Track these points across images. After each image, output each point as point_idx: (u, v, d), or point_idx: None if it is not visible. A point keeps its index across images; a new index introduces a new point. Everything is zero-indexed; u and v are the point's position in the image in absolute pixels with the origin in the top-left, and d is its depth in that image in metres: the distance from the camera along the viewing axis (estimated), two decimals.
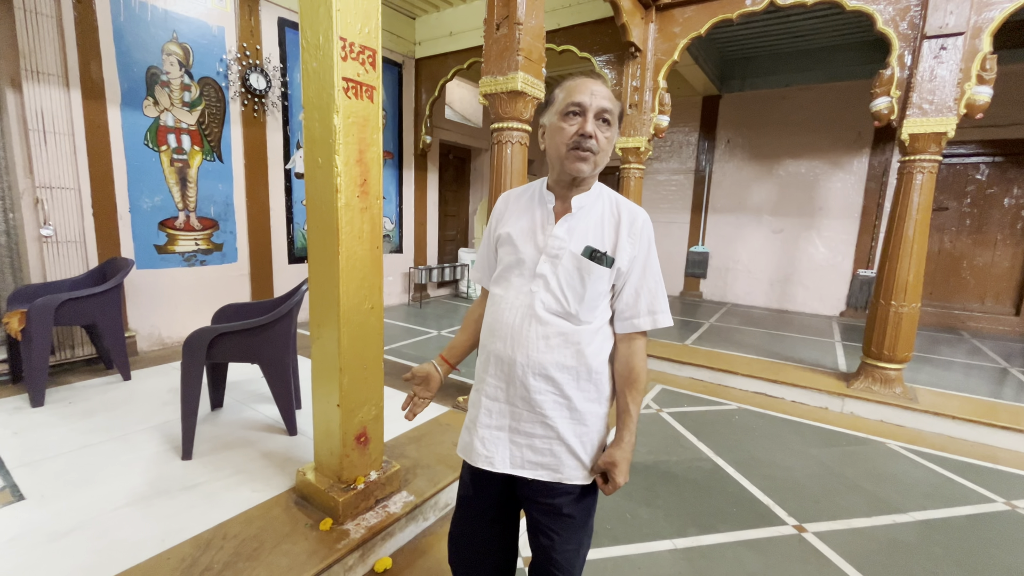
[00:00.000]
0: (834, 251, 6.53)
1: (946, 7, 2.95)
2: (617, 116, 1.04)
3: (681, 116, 7.20)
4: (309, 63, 1.59)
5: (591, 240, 1.04)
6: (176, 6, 3.66)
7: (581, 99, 0.99)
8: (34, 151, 3.03)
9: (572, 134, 1.00)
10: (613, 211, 1.07)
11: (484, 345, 1.14)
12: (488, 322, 1.13)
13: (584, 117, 0.99)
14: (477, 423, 1.12)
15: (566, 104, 1.01)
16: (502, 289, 1.11)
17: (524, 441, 1.07)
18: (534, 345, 1.03)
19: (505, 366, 1.07)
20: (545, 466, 1.07)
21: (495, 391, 1.09)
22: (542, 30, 2.69)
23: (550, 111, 1.06)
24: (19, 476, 2.00)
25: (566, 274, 1.03)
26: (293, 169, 4.70)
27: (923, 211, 3.15)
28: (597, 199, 1.08)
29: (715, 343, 4.79)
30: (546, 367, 1.03)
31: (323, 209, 1.64)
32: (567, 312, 1.04)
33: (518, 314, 1.05)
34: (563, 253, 1.04)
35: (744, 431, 3.03)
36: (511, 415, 1.08)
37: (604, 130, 1.01)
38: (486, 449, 1.10)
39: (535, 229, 1.08)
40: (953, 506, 2.29)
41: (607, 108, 1.00)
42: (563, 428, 1.05)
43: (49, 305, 2.67)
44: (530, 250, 1.07)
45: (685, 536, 1.98)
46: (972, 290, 5.99)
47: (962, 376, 4.12)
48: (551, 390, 1.05)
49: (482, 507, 1.19)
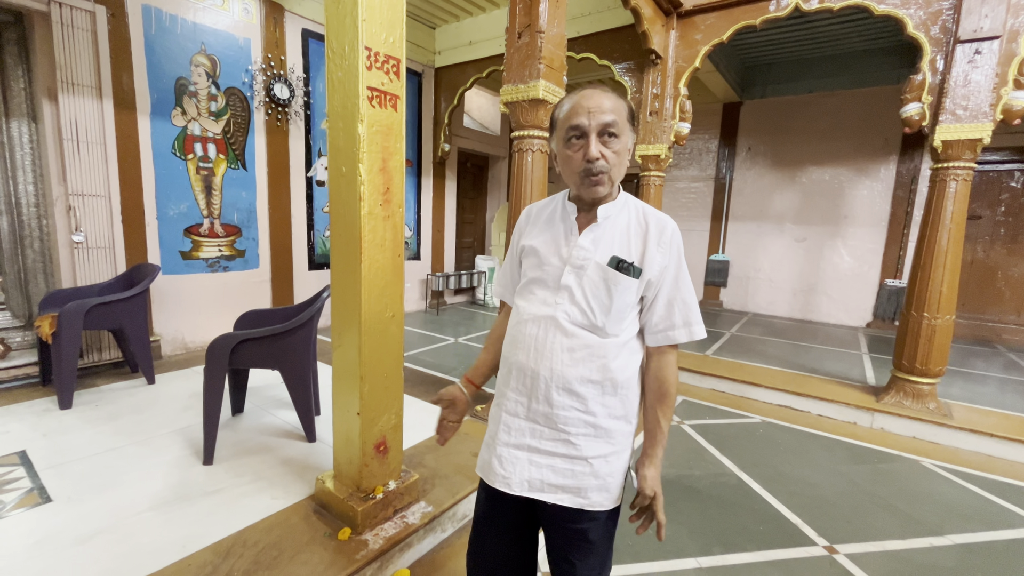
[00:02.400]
0: (860, 260, 6.36)
1: (980, 10, 2.86)
2: (626, 120, 0.99)
3: (701, 123, 7.13)
4: (334, 72, 1.60)
5: (617, 250, 1.01)
6: (205, 19, 3.76)
7: (579, 122, 0.96)
8: (68, 160, 3.12)
9: (579, 160, 0.98)
10: (640, 220, 1.04)
11: (506, 357, 1.11)
12: (511, 334, 1.10)
13: (587, 139, 0.96)
14: (496, 440, 1.08)
15: (566, 131, 0.99)
16: (526, 301, 1.09)
17: (544, 461, 1.03)
18: (558, 358, 1.00)
19: (527, 379, 1.03)
20: (566, 489, 1.02)
21: (515, 406, 1.06)
22: (564, 38, 2.68)
23: (555, 136, 1.04)
24: (47, 478, 2.04)
25: (591, 285, 1.00)
26: (314, 177, 4.77)
27: (957, 220, 3.04)
28: (623, 208, 1.05)
29: (737, 354, 4.69)
30: (570, 381, 1.00)
31: (346, 217, 1.64)
32: (593, 324, 1.01)
33: (542, 326, 1.03)
34: (588, 264, 1.01)
35: (769, 445, 2.94)
36: (531, 432, 1.04)
37: (612, 144, 0.97)
38: (503, 469, 1.05)
39: (559, 241, 1.06)
40: (995, 529, 2.18)
41: (609, 122, 0.96)
42: (586, 447, 1.01)
43: (79, 310, 2.73)
44: (555, 261, 1.04)
45: (710, 555, 1.92)
46: (1007, 301, 5.77)
47: (998, 391, 3.95)
48: (575, 405, 1.01)
49: (500, 527, 1.15)
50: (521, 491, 1.04)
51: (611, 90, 1.01)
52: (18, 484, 1.99)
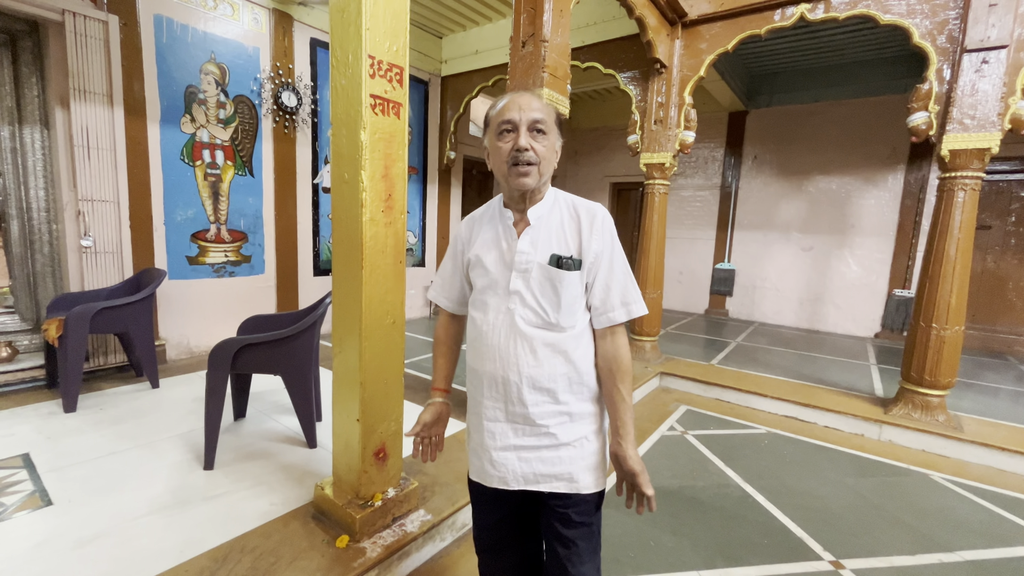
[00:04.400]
0: (868, 270, 6.30)
1: (987, 20, 2.85)
2: (554, 122, 1.05)
3: (707, 132, 7.12)
4: (338, 80, 1.61)
5: (555, 248, 1.05)
6: (215, 28, 3.82)
7: (511, 116, 1.02)
8: (78, 165, 3.17)
9: (508, 151, 1.02)
10: (572, 214, 1.08)
11: (474, 369, 1.15)
12: (474, 346, 1.14)
13: (517, 132, 1.02)
14: (484, 446, 1.13)
15: (498, 124, 1.04)
16: (481, 312, 1.12)
17: (532, 455, 1.09)
18: (524, 360, 1.05)
19: (500, 385, 1.08)
20: (559, 476, 1.08)
21: (494, 412, 1.10)
22: (567, 47, 2.69)
23: (488, 132, 1.09)
24: (48, 481, 2.04)
25: (538, 286, 1.05)
26: (320, 184, 4.80)
27: (966, 230, 3.00)
28: (553, 206, 1.10)
29: (742, 363, 4.64)
30: (539, 379, 1.05)
31: (348, 223, 1.65)
32: (548, 322, 1.05)
33: (502, 333, 1.07)
34: (531, 266, 1.05)
35: (774, 456, 2.90)
36: (514, 433, 1.09)
37: (540, 140, 1.03)
38: (497, 470, 1.11)
39: (501, 247, 1.10)
40: (1007, 546, 2.13)
41: (538, 119, 1.02)
42: (564, 433, 1.07)
43: (86, 313, 2.76)
44: (500, 269, 1.09)
45: (712, 568, 1.88)
46: (1019, 312, 5.68)
47: (1010, 404, 3.88)
48: (547, 400, 1.06)
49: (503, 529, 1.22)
50: (517, 485, 1.10)
51: (539, 96, 1.08)
52: (20, 487, 2.00)
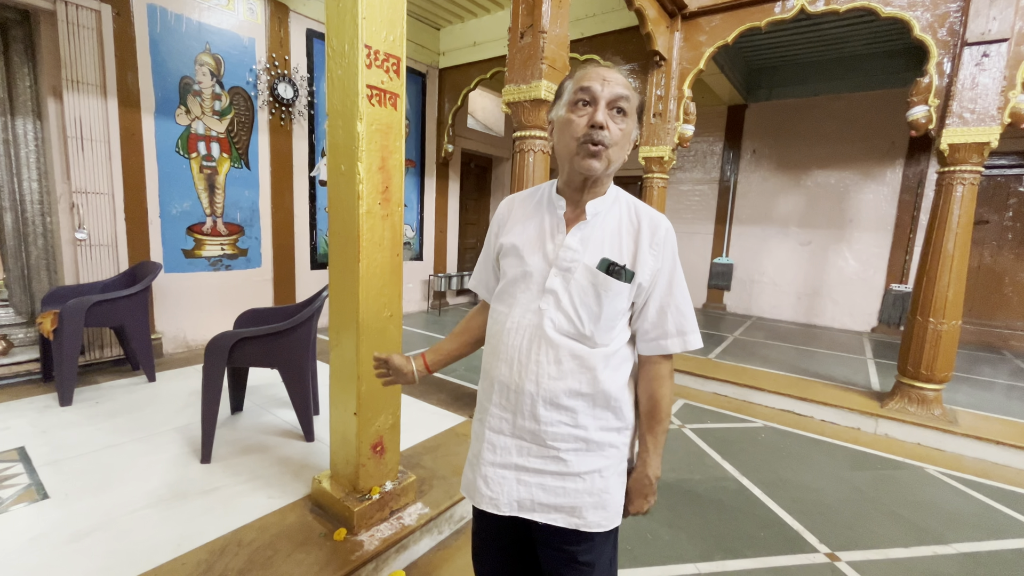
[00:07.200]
0: (865, 265, 6.31)
1: (988, 13, 2.83)
2: (636, 107, 0.91)
3: (706, 125, 7.09)
4: (334, 70, 1.59)
5: (608, 251, 0.92)
6: (210, 19, 3.77)
7: (591, 85, 0.87)
8: (72, 158, 3.14)
9: (582, 126, 0.88)
10: (632, 218, 0.95)
11: (487, 371, 1.02)
12: (491, 343, 1.01)
13: (595, 106, 0.87)
14: (480, 459, 1.00)
15: (575, 92, 0.89)
16: (506, 306, 0.99)
17: (534, 480, 0.95)
18: (544, 371, 0.92)
19: (512, 395, 0.95)
20: (559, 508, 0.94)
21: (499, 423, 0.98)
22: (566, 39, 2.67)
23: (559, 104, 0.94)
24: (44, 475, 2.03)
25: (580, 290, 0.91)
26: (317, 176, 4.77)
27: (964, 225, 3.00)
28: (614, 204, 0.96)
29: (740, 357, 4.65)
30: (558, 395, 0.92)
31: (344, 215, 1.64)
32: (580, 333, 0.92)
33: (525, 336, 0.93)
34: (576, 266, 0.92)
35: (771, 450, 2.91)
36: (517, 450, 0.96)
37: (619, 121, 0.89)
38: (490, 489, 0.98)
39: (544, 238, 0.96)
40: (1001, 538, 2.14)
41: (622, 95, 0.88)
42: (577, 463, 0.94)
43: (81, 307, 2.74)
44: (538, 262, 0.95)
45: (710, 560, 1.89)
46: (1015, 308, 5.70)
47: (1005, 398, 3.90)
48: (564, 420, 0.93)
49: (495, 546, 1.12)
50: (510, 511, 0.97)
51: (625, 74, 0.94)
52: (16, 480, 1.99)
